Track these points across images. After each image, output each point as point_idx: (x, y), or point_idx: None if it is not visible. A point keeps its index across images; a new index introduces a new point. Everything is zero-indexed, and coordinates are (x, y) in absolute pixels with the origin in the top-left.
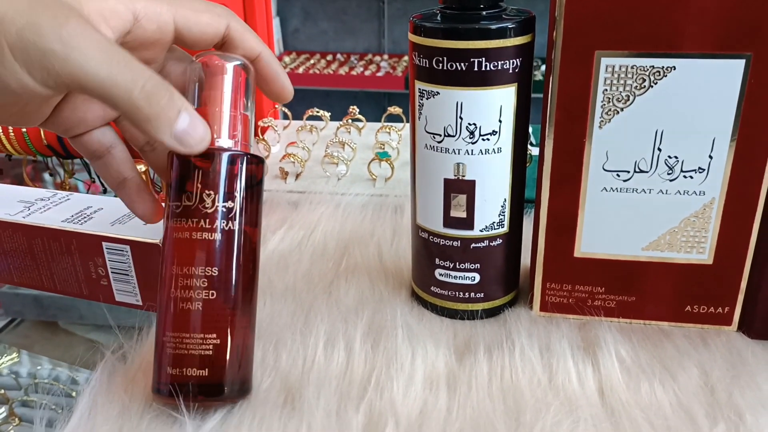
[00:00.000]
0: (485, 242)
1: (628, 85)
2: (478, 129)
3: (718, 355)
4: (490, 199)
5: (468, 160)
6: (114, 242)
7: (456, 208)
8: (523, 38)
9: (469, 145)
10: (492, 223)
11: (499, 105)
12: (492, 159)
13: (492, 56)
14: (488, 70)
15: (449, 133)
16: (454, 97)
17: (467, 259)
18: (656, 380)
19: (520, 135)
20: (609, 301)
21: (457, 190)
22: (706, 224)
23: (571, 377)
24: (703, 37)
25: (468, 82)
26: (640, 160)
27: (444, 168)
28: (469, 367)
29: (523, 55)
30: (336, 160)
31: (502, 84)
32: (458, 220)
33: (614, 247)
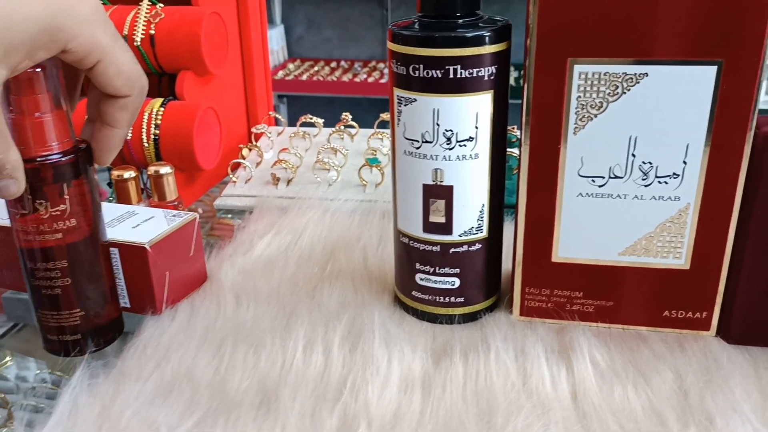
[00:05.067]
0: (464, 247)
1: (601, 92)
2: (455, 135)
3: (694, 360)
4: (469, 204)
5: (446, 165)
6: None
7: (435, 214)
8: (499, 46)
9: (447, 151)
10: (471, 228)
11: (475, 111)
12: (469, 165)
13: (468, 64)
14: (464, 77)
15: (427, 139)
16: (431, 104)
17: (447, 263)
18: (630, 384)
19: (497, 141)
20: (587, 305)
21: (436, 196)
22: (681, 229)
23: (545, 381)
24: (674, 44)
25: (444, 89)
26: (615, 165)
27: (422, 174)
28: (444, 370)
29: (499, 63)
30: (327, 167)
31: (478, 91)
32: (437, 225)
33: (591, 252)
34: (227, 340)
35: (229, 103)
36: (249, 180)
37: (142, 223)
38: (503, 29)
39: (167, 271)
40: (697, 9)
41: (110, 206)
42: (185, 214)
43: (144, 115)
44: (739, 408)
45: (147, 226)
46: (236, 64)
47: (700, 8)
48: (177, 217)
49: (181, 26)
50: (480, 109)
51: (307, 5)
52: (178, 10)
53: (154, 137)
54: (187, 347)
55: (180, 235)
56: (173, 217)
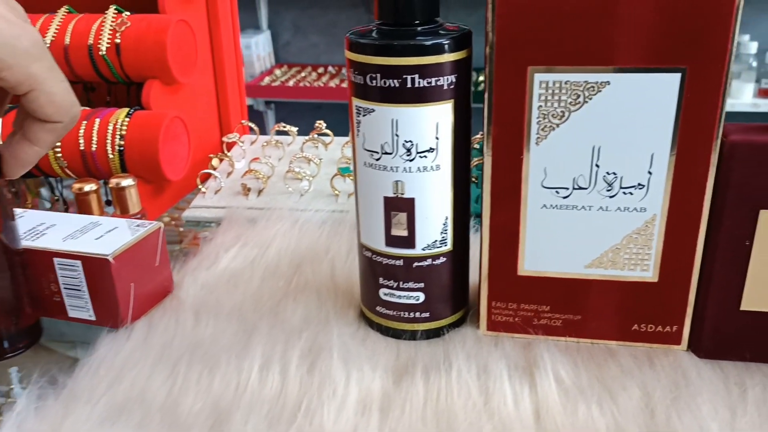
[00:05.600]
0: (428, 261)
1: (562, 101)
2: (415, 146)
3: (663, 375)
4: (431, 216)
5: (406, 177)
6: (65, 258)
7: (397, 227)
8: (459, 54)
9: (407, 163)
10: (434, 241)
11: (435, 122)
12: (431, 176)
13: (426, 73)
14: (423, 86)
15: (386, 150)
16: (389, 114)
17: (410, 278)
18: (595, 402)
19: (459, 151)
20: (555, 319)
21: (397, 208)
22: (648, 241)
23: (507, 400)
24: (636, 52)
25: (403, 99)
26: (579, 176)
27: (383, 186)
28: (405, 390)
29: (459, 71)
30: (299, 176)
31: (438, 101)
32: (400, 238)
33: (557, 264)
34: (183, 359)
35: (200, 112)
36: (219, 191)
37: (105, 234)
38: (463, 37)
39: (132, 283)
40: (659, 16)
41: (73, 217)
42: (149, 223)
43: (109, 126)
44: (707, 426)
45: (110, 237)
46: (207, 73)
47: (662, 15)
48: (141, 227)
49: (147, 35)
50: (440, 120)
51: (294, 11)
52: (144, 18)
53: (119, 148)
54: (141, 367)
55: (144, 245)
56: (137, 227)
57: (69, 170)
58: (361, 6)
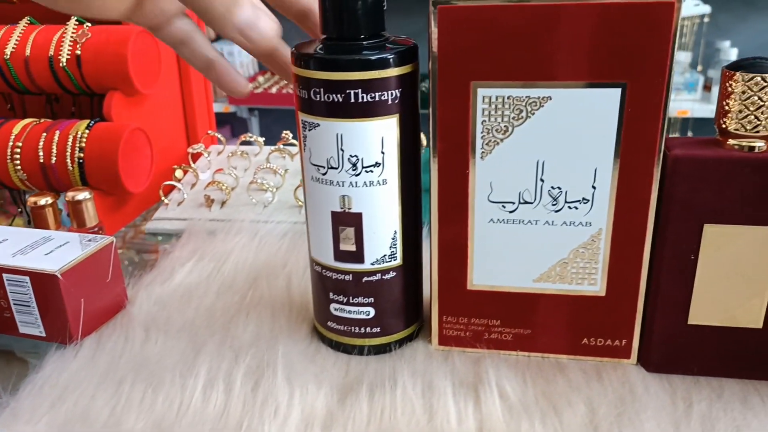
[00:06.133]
0: (378, 276)
1: (506, 116)
2: (361, 161)
3: (610, 390)
4: (380, 231)
5: (353, 192)
6: (14, 273)
7: (345, 242)
8: (404, 68)
9: (353, 177)
10: (384, 255)
11: (380, 136)
12: (378, 191)
13: (370, 87)
14: (367, 101)
15: (332, 165)
16: (334, 129)
17: (360, 293)
18: (538, 418)
19: (407, 165)
20: (505, 334)
21: (345, 223)
22: (595, 255)
23: (450, 417)
24: (577, 67)
25: (347, 114)
26: (524, 191)
27: (330, 200)
28: (349, 408)
29: (404, 86)
30: (263, 187)
31: (383, 115)
32: (348, 253)
33: (506, 279)
34: (128, 377)
35: (165, 123)
36: (182, 202)
37: (55, 249)
38: (409, 51)
39: (82, 299)
40: (598, 31)
41: (25, 232)
42: (101, 238)
43: (69, 138)
44: None
45: (61, 252)
46: (173, 83)
47: (601, 31)
48: (93, 241)
49: (107, 46)
50: (386, 134)
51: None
52: (105, 29)
53: (79, 160)
54: (86, 386)
55: (96, 260)
56: (89, 242)
57: (29, 183)
58: None
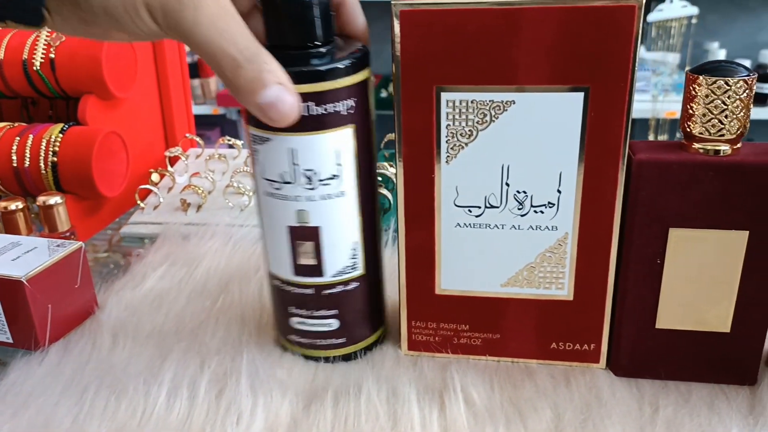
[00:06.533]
0: (339, 287)
1: (470, 120)
2: (316, 175)
3: (577, 396)
4: (339, 243)
5: (309, 206)
6: None
7: (304, 256)
8: (357, 77)
9: (309, 192)
10: (344, 267)
11: (335, 149)
12: (335, 203)
13: (322, 100)
14: (320, 114)
15: (286, 179)
16: (286, 143)
17: (322, 305)
18: (502, 424)
19: (364, 175)
20: (474, 338)
21: (303, 238)
22: (562, 259)
23: (414, 424)
24: (540, 71)
25: (299, 128)
26: (490, 195)
27: (286, 215)
28: (313, 415)
29: (357, 95)
30: (240, 191)
31: (337, 126)
32: (308, 267)
33: (474, 283)
34: (92, 385)
35: (142, 126)
36: (158, 206)
37: (23, 255)
38: (361, 59)
39: (49, 305)
40: (560, 35)
41: None
42: (70, 243)
43: (42, 142)
44: None
45: (28, 257)
46: (150, 86)
47: (563, 34)
48: (61, 247)
49: (81, 49)
50: (341, 146)
51: None
52: None
53: (52, 164)
54: (50, 393)
55: (64, 265)
56: (57, 248)
57: (2, 187)
58: None
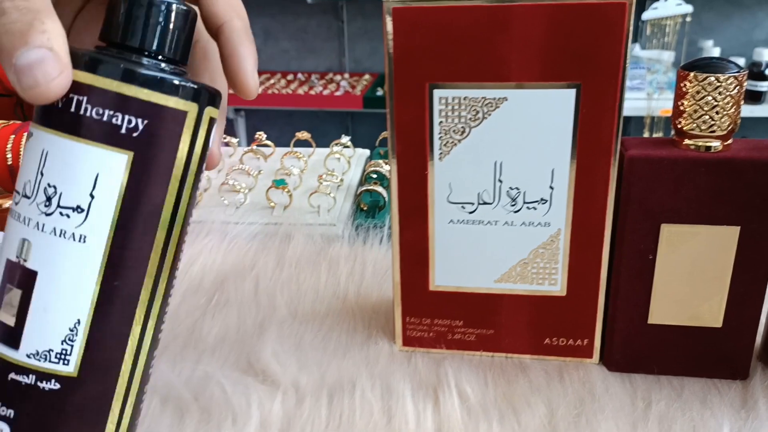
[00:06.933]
0: (31, 377)
1: (462, 117)
2: (57, 195)
3: (570, 391)
4: (54, 310)
5: (36, 238)
6: None
7: (5, 308)
8: (163, 98)
9: (42, 217)
10: (49, 350)
11: (93, 170)
12: (69, 249)
13: (100, 100)
14: (90, 116)
15: (26, 192)
16: (41, 143)
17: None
18: (497, 419)
19: (133, 224)
20: (468, 334)
21: (13, 280)
22: (555, 255)
23: (409, 419)
24: (531, 68)
25: (58, 124)
26: (483, 191)
27: (12, 242)
28: (308, 412)
29: (155, 119)
30: (235, 188)
31: (106, 144)
32: (3, 328)
33: (468, 279)
34: None
35: None
36: None
37: None
38: (191, 88)
39: None
40: (551, 32)
41: None
42: None
43: None
44: None
45: None
46: None
47: (554, 31)
48: None
49: None
50: (103, 171)
51: (264, 17)
52: None
53: None
54: None
55: None
56: None
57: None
58: (330, 12)
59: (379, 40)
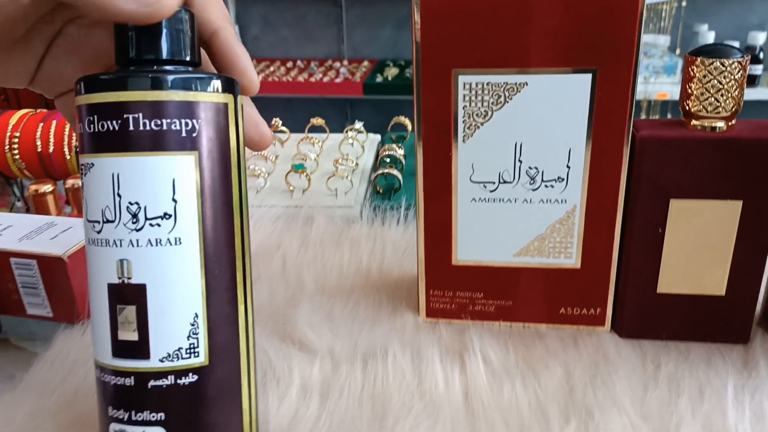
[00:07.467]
0: (169, 379)
1: (485, 101)
2: (142, 210)
3: (585, 355)
4: (171, 312)
5: (133, 254)
6: (21, 257)
7: (124, 327)
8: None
9: (134, 234)
10: (179, 349)
11: (170, 178)
12: (167, 253)
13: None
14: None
15: (108, 217)
16: (110, 167)
17: (145, 405)
18: (519, 381)
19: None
20: (488, 305)
21: (124, 300)
22: (570, 230)
23: (438, 381)
24: (550, 54)
25: (122, 147)
26: (504, 171)
27: (107, 268)
28: (344, 376)
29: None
30: (255, 173)
31: (174, 150)
32: (128, 345)
33: (488, 254)
34: None
35: None
36: None
37: (60, 234)
38: (217, 81)
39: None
40: (569, 20)
41: (28, 218)
42: None
43: (65, 128)
44: (619, 401)
45: (65, 236)
46: None
47: (572, 19)
48: None
49: None
50: (178, 176)
51: (263, 4)
52: None
53: (76, 149)
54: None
55: None
56: None
57: (27, 171)
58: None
59: (377, 28)
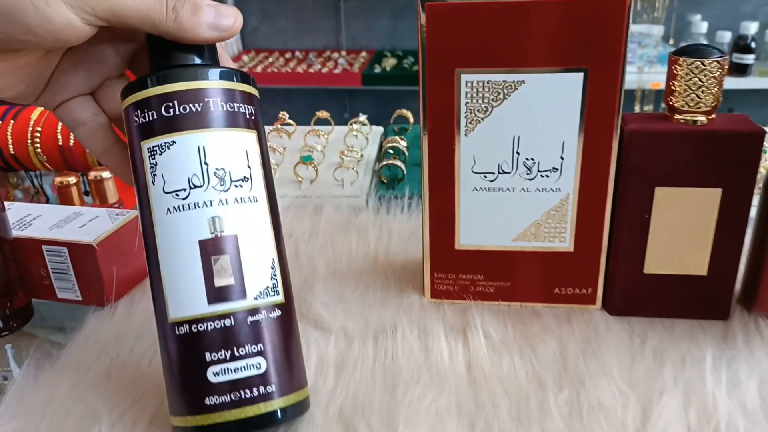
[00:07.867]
0: (263, 313)
1: (486, 98)
2: (229, 174)
3: (578, 331)
4: (257, 258)
5: (223, 211)
6: (53, 245)
7: (221, 275)
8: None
9: (222, 194)
10: (266, 288)
11: (244, 149)
12: (249, 210)
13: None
14: (228, 111)
15: (195, 183)
16: (195, 141)
17: (246, 339)
18: (517, 354)
19: (270, 188)
20: (488, 287)
21: (218, 251)
22: (564, 217)
23: (443, 355)
24: (545, 55)
25: (206, 124)
26: (503, 162)
27: (196, 228)
28: (357, 351)
29: (254, 105)
30: None
31: (245, 128)
32: (226, 289)
33: (488, 239)
34: None
35: None
36: None
37: (88, 223)
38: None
39: (114, 266)
40: (562, 24)
41: (57, 208)
42: (128, 212)
43: None
44: (608, 371)
45: (93, 225)
46: None
47: (565, 24)
48: (120, 215)
49: None
50: (249, 148)
51: None
52: None
53: None
54: (125, 340)
55: (124, 231)
56: (117, 216)
57: (48, 164)
58: None
59: (375, 19)
